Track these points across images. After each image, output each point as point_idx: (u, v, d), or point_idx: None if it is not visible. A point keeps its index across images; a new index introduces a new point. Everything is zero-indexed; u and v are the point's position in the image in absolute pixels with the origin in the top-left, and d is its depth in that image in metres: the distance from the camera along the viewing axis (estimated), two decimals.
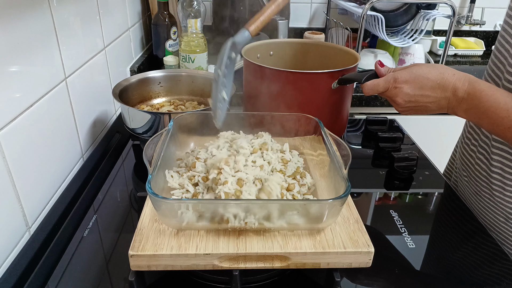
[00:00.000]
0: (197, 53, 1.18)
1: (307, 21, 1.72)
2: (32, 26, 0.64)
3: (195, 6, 1.20)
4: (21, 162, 0.61)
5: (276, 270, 0.56)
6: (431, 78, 0.61)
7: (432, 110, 0.63)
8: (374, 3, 1.18)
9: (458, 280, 0.58)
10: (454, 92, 0.60)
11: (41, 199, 0.67)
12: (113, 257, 0.59)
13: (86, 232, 0.64)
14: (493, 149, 0.68)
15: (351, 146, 0.97)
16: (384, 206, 0.75)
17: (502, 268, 0.60)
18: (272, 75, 0.77)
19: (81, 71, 0.83)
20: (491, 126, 0.58)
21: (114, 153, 0.89)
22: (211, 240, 0.52)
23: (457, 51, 1.67)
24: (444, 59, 1.26)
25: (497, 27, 1.75)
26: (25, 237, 0.62)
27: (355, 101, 1.21)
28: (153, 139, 0.63)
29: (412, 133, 1.01)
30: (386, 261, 0.60)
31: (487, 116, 0.57)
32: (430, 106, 0.63)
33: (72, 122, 0.79)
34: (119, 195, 0.75)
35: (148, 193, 0.50)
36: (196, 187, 0.57)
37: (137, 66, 1.21)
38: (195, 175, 0.58)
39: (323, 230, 0.54)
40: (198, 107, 0.99)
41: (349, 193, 0.51)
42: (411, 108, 0.64)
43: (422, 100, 0.62)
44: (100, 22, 0.94)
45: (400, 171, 0.82)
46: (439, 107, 0.62)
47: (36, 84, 0.65)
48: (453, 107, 0.61)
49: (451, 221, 0.71)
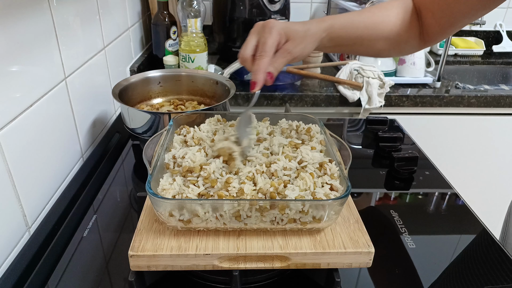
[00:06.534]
0: (197, 52, 1.17)
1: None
2: (32, 26, 0.64)
3: (195, 5, 1.20)
4: (21, 162, 0.61)
5: (276, 270, 0.56)
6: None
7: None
8: (375, 3, 1.18)
9: (458, 280, 0.58)
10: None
11: (41, 199, 0.67)
12: (113, 257, 0.59)
13: (86, 232, 0.64)
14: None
15: (351, 146, 0.97)
16: (384, 206, 0.75)
17: (502, 268, 0.60)
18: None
19: (81, 71, 0.83)
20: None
21: (113, 153, 0.89)
22: (211, 240, 0.52)
23: (457, 50, 1.67)
24: (444, 59, 1.26)
25: (497, 27, 1.75)
26: (25, 237, 0.62)
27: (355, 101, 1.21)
28: (153, 139, 0.63)
29: (412, 133, 1.01)
30: (386, 261, 0.60)
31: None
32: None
33: (72, 122, 0.79)
34: (119, 195, 0.75)
35: (148, 193, 0.50)
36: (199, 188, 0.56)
37: (137, 66, 1.21)
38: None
39: (323, 230, 0.54)
40: (198, 107, 0.98)
41: (349, 193, 0.51)
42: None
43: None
44: (100, 22, 0.94)
45: (400, 171, 0.82)
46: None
47: (36, 84, 0.65)
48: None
49: (451, 221, 0.71)
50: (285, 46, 0.61)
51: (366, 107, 1.19)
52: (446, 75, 1.48)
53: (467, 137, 1.33)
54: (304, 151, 0.59)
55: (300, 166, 0.57)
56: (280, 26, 0.60)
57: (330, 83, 1.27)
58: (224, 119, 0.71)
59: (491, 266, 0.60)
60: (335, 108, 1.24)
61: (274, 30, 0.60)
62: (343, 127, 1.07)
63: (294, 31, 0.61)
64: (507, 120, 1.32)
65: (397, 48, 0.70)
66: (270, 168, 0.56)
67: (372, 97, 1.19)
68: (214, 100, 1.00)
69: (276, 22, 0.61)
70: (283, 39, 0.61)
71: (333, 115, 1.26)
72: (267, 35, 0.59)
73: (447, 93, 1.25)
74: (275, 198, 0.51)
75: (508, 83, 1.61)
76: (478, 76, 1.64)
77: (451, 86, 1.32)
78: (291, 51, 0.61)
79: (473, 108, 1.28)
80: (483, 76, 1.64)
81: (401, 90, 1.26)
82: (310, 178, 0.54)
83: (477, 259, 0.62)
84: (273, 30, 0.60)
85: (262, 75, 0.59)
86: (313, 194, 0.52)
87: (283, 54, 0.61)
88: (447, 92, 1.26)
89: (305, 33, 0.62)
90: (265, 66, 0.59)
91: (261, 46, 0.60)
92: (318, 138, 0.64)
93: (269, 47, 0.59)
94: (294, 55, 0.62)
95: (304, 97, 1.20)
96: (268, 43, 0.59)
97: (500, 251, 0.63)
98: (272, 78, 0.60)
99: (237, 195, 0.51)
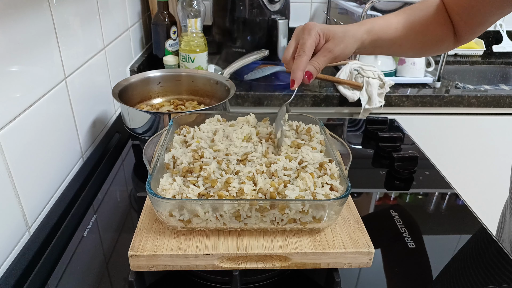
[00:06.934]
0: (197, 52, 1.17)
1: (307, 21, 1.71)
2: (32, 26, 0.64)
3: (195, 5, 1.20)
4: (21, 162, 0.61)
5: (276, 270, 0.56)
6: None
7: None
8: (375, 2, 1.18)
9: (458, 280, 0.58)
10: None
11: (41, 199, 0.67)
12: (113, 257, 0.59)
13: (86, 232, 0.64)
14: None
15: (351, 146, 0.97)
16: (384, 206, 0.75)
17: (502, 268, 0.60)
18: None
19: (81, 71, 0.83)
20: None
21: (113, 153, 0.89)
22: (211, 240, 0.52)
23: (457, 50, 1.67)
24: (444, 59, 1.26)
25: (497, 27, 1.75)
26: (25, 237, 0.62)
27: (355, 101, 1.21)
28: (152, 139, 0.63)
29: (412, 133, 1.01)
30: (386, 261, 0.60)
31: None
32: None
33: (72, 122, 0.79)
34: (119, 195, 0.75)
35: (148, 193, 0.50)
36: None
37: (137, 66, 1.21)
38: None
39: (323, 230, 0.54)
40: (198, 107, 0.98)
41: (349, 193, 0.51)
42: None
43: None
44: (100, 22, 0.94)
45: (400, 171, 0.82)
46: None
47: (36, 84, 0.65)
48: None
49: (451, 221, 0.71)
50: (326, 45, 0.63)
51: (366, 107, 1.19)
52: (446, 75, 1.47)
53: (467, 137, 1.33)
54: (304, 151, 0.59)
55: (300, 166, 0.57)
56: (319, 27, 0.62)
57: (330, 83, 1.27)
58: (224, 119, 0.71)
59: (491, 266, 0.60)
60: (335, 108, 1.24)
61: (313, 31, 0.62)
62: (343, 127, 1.07)
63: (333, 31, 0.63)
64: (507, 120, 1.32)
65: (435, 47, 0.72)
66: (270, 168, 0.56)
67: (372, 97, 1.19)
68: (214, 100, 1.00)
69: (315, 24, 0.63)
70: (322, 39, 0.63)
71: (333, 115, 1.26)
72: (306, 36, 0.62)
73: (447, 93, 1.25)
74: (275, 198, 0.51)
75: (508, 83, 1.61)
76: (478, 76, 1.64)
77: (451, 86, 1.32)
78: (332, 49, 0.63)
79: (473, 108, 1.28)
80: (483, 76, 1.64)
81: (401, 90, 1.26)
82: (310, 178, 0.54)
83: (477, 259, 0.62)
84: (312, 31, 0.62)
85: (300, 73, 0.60)
86: (313, 194, 0.52)
87: (323, 53, 0.63)
88: (447, 92, 1.26)
89: (345, 34, 0.63)
90: (303, 65, 0.60)
91: (300, 46, 0.62)
92: (318, 138, 0.64)
93: (307, 46, 0.61)
94: (335, 54, 0.63)
95: (304, 97, 1.21)
96: (306, 43, 0.61)
97: (500, 251, 0.63)
98: (310, 76, 0.62)
99: (237, 195, 0.51)
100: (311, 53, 0.62)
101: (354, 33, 0.65)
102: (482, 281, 0.57)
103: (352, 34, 0.65)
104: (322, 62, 0.63)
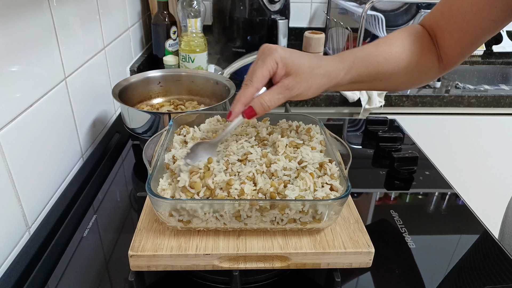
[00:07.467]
0: (197, 52, 1.17)
1: (307, 21, 1.72)
2: (32, 26, 0.64)
3: (195, 5, 1.20)
4: (21, 162, 0.61)
5: (276, 270, 0.56)
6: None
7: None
8: (375, 2, 1.18)
9: (458, 280, 0.58)
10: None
11: (41, 199, 0.67)
12: (113, 257, 0.59)
13: (86, 232, 0.64)
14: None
15: (351, 146, 0.97)
16: (384, 206, 0.75)
17: (502, 268, 0.60)
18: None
19: (81, 71, 0.83)
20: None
21: (113, 153, 0.89)
22: (211, 240, 0.52)
23: None
24: None
25: None
26: (25, 237, 0.62)
27: (355, 101, 1.21)
28: (152, 139, 0.63)
29: (412, 133, 1.01)
30: (386, 261, 0.60)
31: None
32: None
33: (71, 122, 0.79)
34: (119, 195, 0.75)
35: (148, 193, 0.50)
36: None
37: (137, 66, 1.21)
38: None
39: (323, 230, 0.54)
40: (198, 107, 0.98)
41: (349, 193, 0.51)
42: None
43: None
44: (100, 22, 0.94)
45: (400, 171, 0.82)
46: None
47: (36, 84, 0.65)
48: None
49: (451, 221, 0.71)
50: (285, 81, 0.52)
51: (366, 107, 1.19)
52: (446, 75, 1.47)
53: (467, 137, 1.33)
54: (304, 151, 0.59)
55: (300, 166, 0.57)
56: (279, 54, 0.52)
57: None
58: (224, 119, 0.71)
59: (491, 266, 0.60)
60: (335, 108, 1.24)
61: (269, 58, 0.51)
62: (343, 127, 1.07)
63: (297, 65, 0.52)
64: (507, 120, 1.32)
65: (418, 79, 0.65)
66: (270, 168, 0.56)
67: (372, 97, 1.19)
68: (214, 100, 1.00)
69: (277, 49, 0.52)
70: (281, 70, 0.52)
71: (333, 115, 1.26)
72: (260, 62, 0.52)
73: (447, 93, 1.25)
74: (275, 198, 0.51)
75: (508, 83, 1.61)
76: (478, 76, 1.64)
77: (451, 86, 1.32)
78: (291, 87, 0.52)
79: (473, 108, 1.28)
80: (483, 76, 1.64)
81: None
82: (310, 178, 0.54)
83: (477, 259, 0.62)
84: (267, 58, 0.51)
85: (240, 106, 0.52)
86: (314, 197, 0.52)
87: (279, 89, 0.52)
88: (447, 92, 1.26)
89: (312, 70, 0.53)
90: (246, 98, 0.52)
91: (248, 74, 0.52)
92: (318, 138, 0.64)
93: (256, 77, 0.51)
94: (293, 93, 0.53)
95: None
96: (256, 72, 0.51)
97: (500, 251, 0.63)
98: (252, 114, 0.52)
99: (237, 195, 0.51)
100: (261, 85, 0.52)
101: (329, 71, 0.55)
102: (482, 281, 0.57)
103: (325, 72, 0.54)
104: (274, 101, 0.52)
